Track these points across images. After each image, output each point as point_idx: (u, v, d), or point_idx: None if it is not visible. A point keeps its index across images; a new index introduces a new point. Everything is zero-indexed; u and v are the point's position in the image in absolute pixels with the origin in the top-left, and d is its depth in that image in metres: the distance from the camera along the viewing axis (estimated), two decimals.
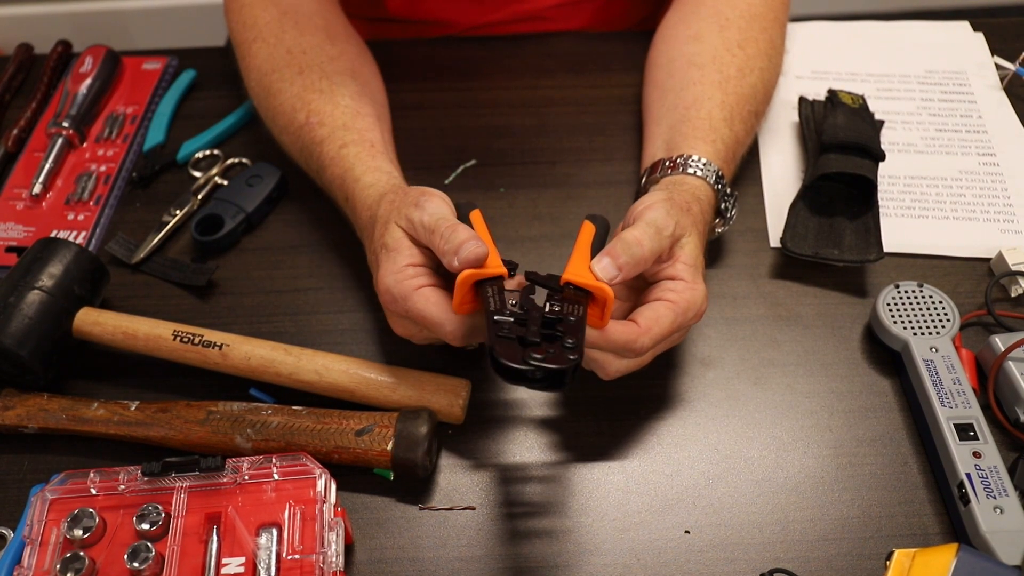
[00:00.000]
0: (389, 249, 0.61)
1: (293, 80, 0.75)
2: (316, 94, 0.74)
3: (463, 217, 0.63)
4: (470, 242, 0.57)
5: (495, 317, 0.55)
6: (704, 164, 0.69)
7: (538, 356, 0.53)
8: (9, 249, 0.78)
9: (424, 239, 0.60)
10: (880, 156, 0.76)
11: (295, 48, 0.77)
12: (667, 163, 0.70)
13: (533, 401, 0.67)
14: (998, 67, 0.91)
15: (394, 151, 0.75)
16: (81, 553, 0.55)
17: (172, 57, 0.95)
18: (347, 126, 0.72)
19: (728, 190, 0.71)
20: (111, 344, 0.67)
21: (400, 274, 0.60)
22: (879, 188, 0.77)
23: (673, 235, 0.61)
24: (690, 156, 0.69)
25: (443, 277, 0.61)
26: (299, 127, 0.74)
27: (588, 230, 0.63)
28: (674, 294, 0.60)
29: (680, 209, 0.63)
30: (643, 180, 0.73)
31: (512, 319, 0.55)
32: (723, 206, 0.70)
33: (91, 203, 0.82)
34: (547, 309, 0.56)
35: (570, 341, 0.54)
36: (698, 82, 0.75)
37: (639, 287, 0.63)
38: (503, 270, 0.58)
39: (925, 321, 0.67)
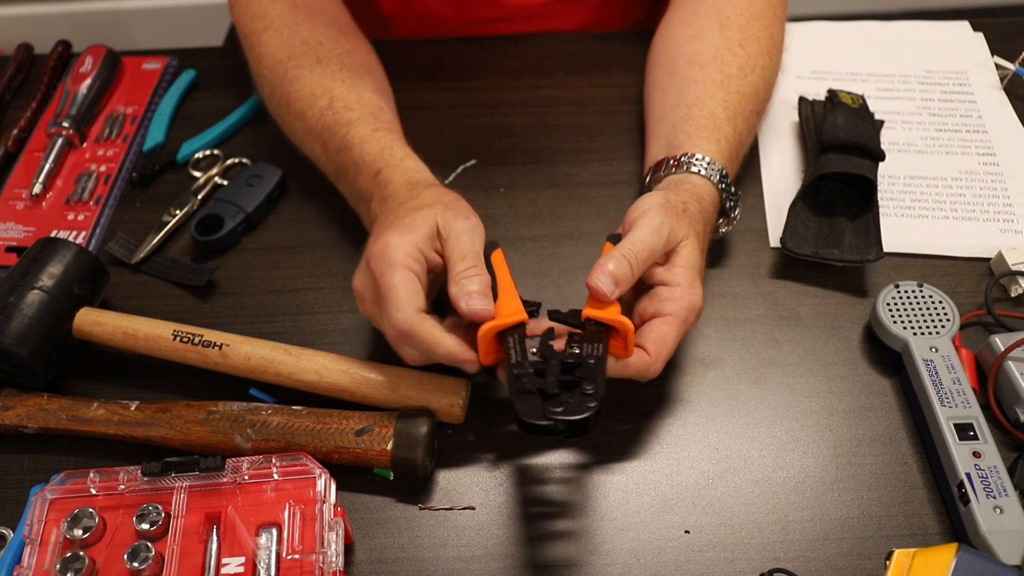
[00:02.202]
0: (405, 228, 0.60)
1: (312, 68, 0.76)
2: (338, 83, 0.75)
3: (486, 253, 0.64)
4: (479, 299, 0.58)
5: (515, 371, 0.55)
6: (708, 163, 0.69)
7: (558, 410, 0.53)
8: (9, 249, 0.78)
9: (446, 249, 0.61)
10: (880, 156, 0.76)
11: (311, 39, 0.77)
12: (671, 161, 0.70)
13: None
14: (998, 67, 0.91)
15: None
16: (81, 553, 0.55)
17: (172, 57, 0.95)
18: (376, 115, 0.73)
19: (732, 189, 0.71)
20: (111, 344, 0.67)
21: (404, 246, 0.59)
22: (879, 188, 0.77)
23: (667, 244, 0.61)
24: (694, 155, 0.69)
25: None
26: (321, 110, 0.74)
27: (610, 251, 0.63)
28: (672, 303, 0.60)
29: (676, 213, 0.63)
30: (647, 179, 0.73)
31: (532, 370, 0.55)
32: (728, 205, 0.70)
33: (91, 203, 0.82)
34: (566, 352, 0.57)
35: (589, 388, 0.54)
36: (700, 81, 0.75)
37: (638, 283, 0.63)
38: (523, 317, 0.59)
39: (925, 321, 0.67)
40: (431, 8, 0.96)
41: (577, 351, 0.57)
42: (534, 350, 0.57)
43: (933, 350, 0.65)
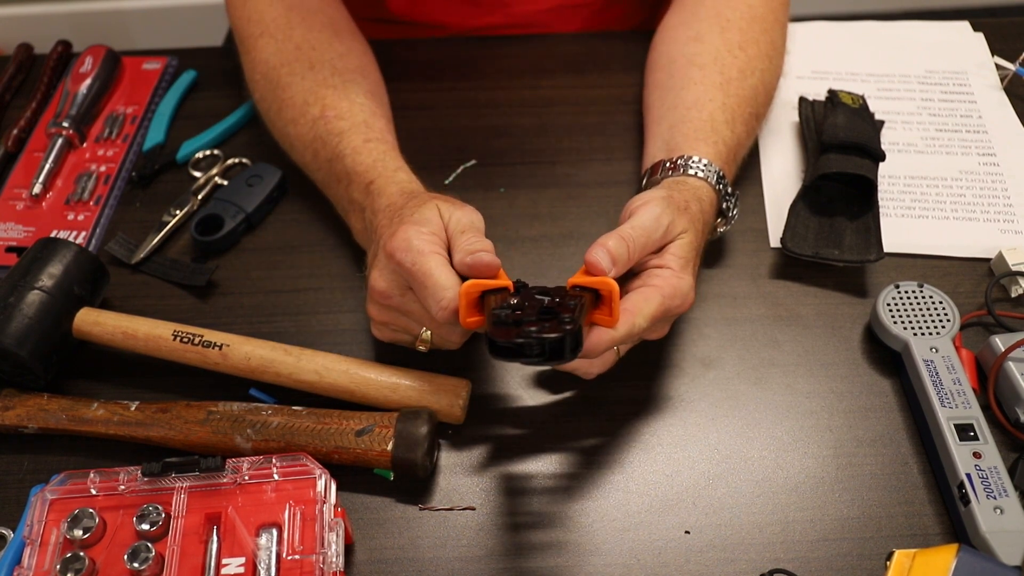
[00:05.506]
0: (418, 222, 0.61)
1: (304, 75, 0.76)
2: (330, 89, 0.75)
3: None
4: (486, 253, 0.58)
5: (493, 310, 0.55)
6: (705, 165, 0.69)
7: (532, 329, 0.52)
8: (9, 249, 0.78)
9: (448, 232, 0.61)
10: (880, 156, 0.76)
11: (304, 44, 0.77)
12: (668, 164, 0.70)
13: (533, 401, 0.67)
14: (998, 67, 0.91)
15: None
16: (81, 553, 0.55)
17: (172, 57, 0.95)
18: (368, 124, 0.73)
19: (729, 190, 0.71)
20: (111, 344, 0.67)
21: (425, 235, 0.60)
22: (879, 188, 0.77)
23: (666, 235, 0.61)
24: (691, 157, 0.69)
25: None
26: (313, 119, 0.74)
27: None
28: (659, 279, 0.60)
29: (677, 208, 0.63)
30: (644, 181, 0.73)
31: (511, 309, 0.55)
32: (725, 206, 0.70)
33: (91, 203, 0.82)
34: (547, 302, 0.56)
35: (566, 316, 0.53)
36: (699, 83, 0.75)
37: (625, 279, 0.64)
38: (508, 283, 0.59)
39: (925, 321, 0.67)
40: (436, 15, 0.96)
41: (558, 301, 0.56)
42: (515, 301, 0.56)
43: (933, 350, 0.65)
